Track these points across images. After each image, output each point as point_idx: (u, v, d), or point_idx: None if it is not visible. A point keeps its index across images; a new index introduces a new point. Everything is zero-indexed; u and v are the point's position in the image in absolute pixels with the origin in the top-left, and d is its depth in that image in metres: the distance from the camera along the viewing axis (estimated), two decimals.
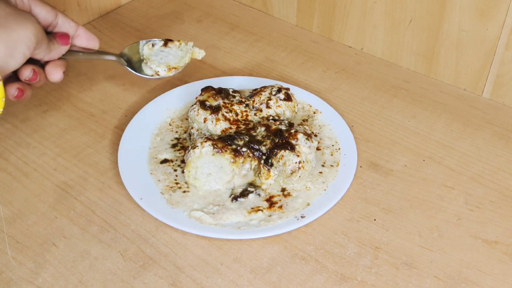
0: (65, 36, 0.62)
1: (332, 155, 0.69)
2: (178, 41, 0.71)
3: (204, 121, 0.68)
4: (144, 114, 0.74)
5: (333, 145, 0.70)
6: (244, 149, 0.65)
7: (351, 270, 0.58)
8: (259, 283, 0.57)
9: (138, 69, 0.70)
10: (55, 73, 0.62)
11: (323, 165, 0.68)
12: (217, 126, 0.68)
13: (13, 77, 0.60)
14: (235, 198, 0.64)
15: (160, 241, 0.61)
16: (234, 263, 0.59)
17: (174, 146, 0.70)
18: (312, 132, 0.70)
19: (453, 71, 0.80)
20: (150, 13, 0.95)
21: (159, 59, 0.70)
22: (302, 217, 0.62)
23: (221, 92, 0.71)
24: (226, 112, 0.69)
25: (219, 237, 0.60)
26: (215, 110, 0.68)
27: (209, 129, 0.68)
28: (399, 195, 0.66)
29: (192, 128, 0.69)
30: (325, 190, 0.65)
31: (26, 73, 0.60)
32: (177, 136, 0.72)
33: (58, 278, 0.57)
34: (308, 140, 0.66)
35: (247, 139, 0.66)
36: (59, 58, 0.62)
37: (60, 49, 0.62)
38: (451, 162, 0.70)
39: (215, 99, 0.69)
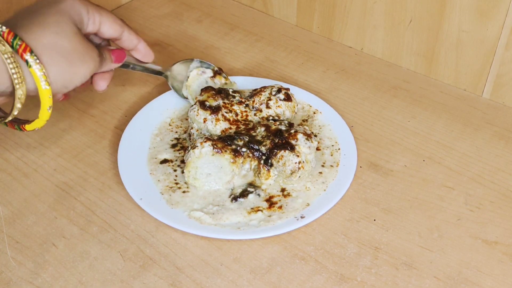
0: (120, 55, 0.65)
1: (332, 155, 0.69)
2: (226, 78, 0.74)
3: (204, 121, 0.68)
4: (144, 114, 0.74)
5: (333, 145, 0.70)
6: (244, 149, 0.65)
7: (350, 271, 0.58)
8: (258, 283, 0.57)
9: (178, 87, 0.73)
10: (101, 84, 0.65)
11: (323, 165, 0.68)
12: (217, 126, 0.68)
13: None
14: (234, 198, 0.64)
15: (159, 241, 0.61)
16: (234, 263, 0.59)
17: (174, 146, 0.70)
18: (312, 132, 0.70)
19: (453, 71, 0.80)
20: (150, 13, 0.95)
21: (197, 87, 0.73)
22: (302, 217, 0.62)
23: (221, 92, 0.71)
24: (226, 113, 0.69)
25: (219, 237, 0.60)
26: (215, 110, 0.68)
27: (209, 129, 0.68)
28: (399, 195, 0.66)
29: (192, 128, 0.69)
30: (324, 190, 0.65)
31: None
32: (176, 136, 0.72)
33: (58, 278, 0.57)
34: (308, 140, 0.66)
35: (246, 139, 0.66)
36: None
37: (111, 66, 0.65)
38: (451, 163, 0.70)
39: (215, 99, 0.69)
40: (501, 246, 0.61)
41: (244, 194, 0.64)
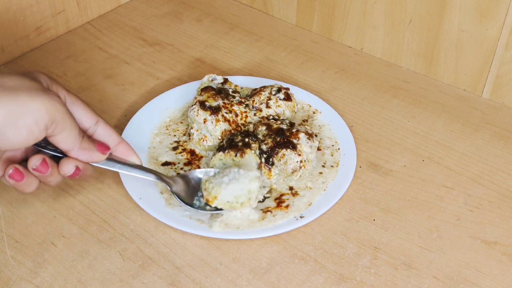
0: (104, 147, 0.57)
1: (332, 155, 0.69)
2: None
3: (204, 122, 0.68)
4: (143, 114, 0.74)
5: (333, 145, 0.70)
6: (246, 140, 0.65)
7: (350, 270, 0.58)
8: (258, 283, 0.57)
9: (185, 194, 0.63)
10: (66, 164, 0.54)
11: (323, 166, 0.68)
12: (217, 127, 0.68)
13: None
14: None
15: (159, 241, 0.61)
16: (233, 263, 0.59)
17: (175, 149, 0.70)
18: (313, 132, 0.70)
19: (452, 71, 0.80)
20: (150, 13, 0.95)
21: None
22: (301, 217, 0.62)
23: (221, 92, 0.70)
24: (226, 113, 0.69)
25: (218, 237, 0.60)
26: (215, 110, 0.68)
27: (209, 129, 0.68)
28: (398, 195, 0.66)
29: (191, 128, 0.69)
30: (324, 190, 0.65)
31: (34, 161, 0.53)
32: (176, 139, 0.71)
33: (57, 278, 0.57)
34: (310, 139, 0.66)
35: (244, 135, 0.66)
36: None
37: (94, 155, 0.55)
38: (450, 163, 0.70)
39: (215, 100, 0.69)
40: (501, 246, 0.61)
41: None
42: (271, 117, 0.70)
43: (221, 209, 0.61)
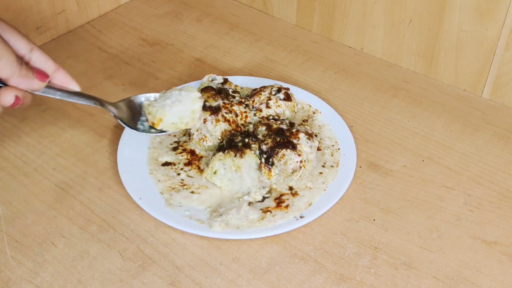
0: (43, 74, 0.55)
1: (332, 155, 0.69)
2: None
3: (204, 122, 0.68)
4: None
5: (333, 145, 0.70)
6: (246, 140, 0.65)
7: (350, 270, 0.58)
8: (258, 283, 0.57)
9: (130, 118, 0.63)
10: (5, 95, 0.53)
11: (323, 166, 0.68)
12: (217, 127, 0.68)
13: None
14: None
15: (159, 241, 0.61)
16: (233, 263, 0.59)
17: (175, 149, 0.70)
18: (313, 132, 0.70)
19: (452, 71, 0.80)
20: (149, 13, 0.95)
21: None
22: (301, 217, 0.62)
23: (221, 93, 0.70)
24: (226, 113, 0.69)
25: (218, 237, 0.60)
26: (215, 111, 0.68)
27: (209, 129, 0.68)
28: (398, 195, 0.66)
29: (191, 128, 0.69)
30: (324, 190, 0.65)
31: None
32: (176, 139, 0.71)
33: (57, 278, 0.57)
34: (310, 139, 0.66)
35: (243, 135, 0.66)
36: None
37: (33, 82, 0.54)
38: (450, 163, 0.70)
39: (215, 100, 0.69)
40: (500, 246, 0.61)
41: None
42: (271, 117, 0.70)
43: (165, 131, 0.62)
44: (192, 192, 0.64)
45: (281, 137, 0.65)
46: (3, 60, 0.51)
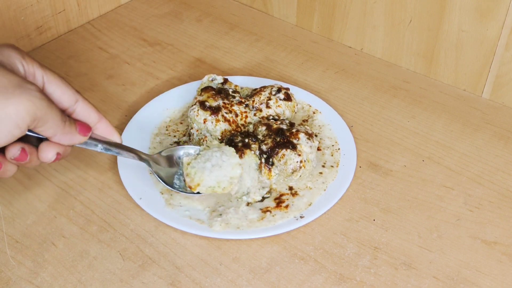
0: (85, 128, 0.54)
1: (332, 155, 0.69)
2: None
3: (204, 122, 0.68)
4: (144, 114, 0.74)
5: (333, 145, 0.70)
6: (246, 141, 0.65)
7: (350, 270, 0.58)
8: (258, 283, 0.57)
9: (166, 174, 0.63)
10: (47, 151, 0.51)
11: (323, 166, 0.68)
12: (217, 127, 0.68)
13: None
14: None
15: (159, 241, 0.61)
16: (233, 263, 0.59)
17: None
18: (313, 132, 0.70)
19: (452, 71, 0.80)
20: (150, 13, 0.95)
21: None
22: (301, 217, 0.62)
23: (221, 92, 0.70)
24: (226, 113, 0.69)
25: (218, 237, 0.60)
26: (215, 110, 0.68)
27: (209, 129, 0.68)
28: (398, 195, 0.66)
29: (191, 128, 0.69)
30: (324, 190, 0.65)
31: (13, 151, 0.50)
32: (176, 139, 0.71)
33: (57, 278, 0.57)
34: (310, 139, 0.66)
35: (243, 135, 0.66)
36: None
37: (75, 138, 0.53)
38: (450, 163, 0.70)
39: (215, 100, 0.69)
40: (500, 246, 0.61)
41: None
42: (271, 117, 0.70)
43: (200, 193, 0.62)
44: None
45: (281, 137, 0.65)
46: (48, 124, 0.49)
